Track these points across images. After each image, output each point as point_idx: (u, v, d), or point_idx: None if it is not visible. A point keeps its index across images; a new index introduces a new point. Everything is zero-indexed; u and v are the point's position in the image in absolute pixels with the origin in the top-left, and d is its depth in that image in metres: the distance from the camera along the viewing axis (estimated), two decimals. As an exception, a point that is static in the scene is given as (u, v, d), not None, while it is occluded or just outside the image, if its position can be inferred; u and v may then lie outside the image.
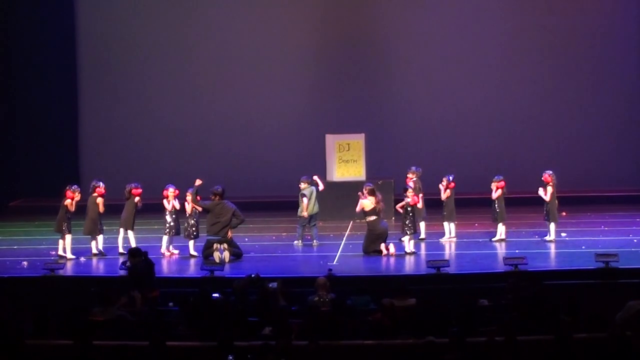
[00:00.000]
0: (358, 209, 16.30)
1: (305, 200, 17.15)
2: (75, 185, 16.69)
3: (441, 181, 17.34)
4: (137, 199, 16.47)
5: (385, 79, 24.16)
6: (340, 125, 22.50)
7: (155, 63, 24.35)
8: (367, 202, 16.13)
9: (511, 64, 23.84)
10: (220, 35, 24.34)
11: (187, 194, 16.30)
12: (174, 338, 9.86)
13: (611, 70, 23.72)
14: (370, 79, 24.09)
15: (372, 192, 16.21)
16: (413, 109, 24.12)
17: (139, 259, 13.17)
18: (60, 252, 16.24)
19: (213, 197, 15.95)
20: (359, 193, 16.32)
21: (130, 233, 16.44)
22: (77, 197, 16.31)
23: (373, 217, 16.09)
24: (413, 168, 17.51)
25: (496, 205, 16.90)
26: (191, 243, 16.35)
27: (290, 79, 24.24)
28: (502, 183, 16.99)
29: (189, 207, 16.24)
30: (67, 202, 16.20)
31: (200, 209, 16.14)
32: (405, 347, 9.46)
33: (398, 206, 16.58)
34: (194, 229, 16.25)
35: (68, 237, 16.24)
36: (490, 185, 17.05)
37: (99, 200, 16.29)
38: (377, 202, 16.14)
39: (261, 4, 24.34)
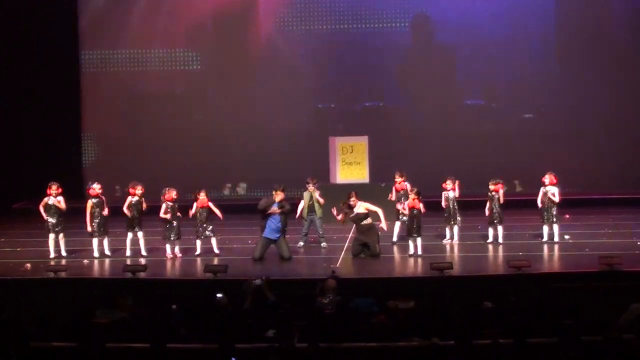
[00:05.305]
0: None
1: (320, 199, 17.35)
2: (53, 182, 16.41)
3: (445, 182, 17.25)
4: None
5: (389, 81, 24.16)
6: (344, 128, 22.46)
7: (159, 66, 24.36)
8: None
9: (516, 66, 23.86)
10: (224, 37, 24.36)
11: (201, 195, 16.39)
12: (177, 340, 9.84)
13: (615, 71, 23.67)
14: (374, 81, 24.09)
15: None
16: (416, 112, 24.12)
17: None
18: (62, 253, 16.26)
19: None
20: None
21: (140, 234, 16.41)
22: (54, 192, 16.13)
23: None
24: (398, 172, 17.51)
25: (496, 207, 16.81)
26: (198, 242, 16.40)
27: (294, 81, 24.23)
28: (500, 185, 16.92)
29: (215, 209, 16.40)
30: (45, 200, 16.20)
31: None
32: (409, 350, 9.43)
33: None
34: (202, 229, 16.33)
35: (51, 235, 16.26)
36: (489, 187, 16.85)
37: (89, 202, 16.20)
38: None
39: (265, 8, 24.34)
